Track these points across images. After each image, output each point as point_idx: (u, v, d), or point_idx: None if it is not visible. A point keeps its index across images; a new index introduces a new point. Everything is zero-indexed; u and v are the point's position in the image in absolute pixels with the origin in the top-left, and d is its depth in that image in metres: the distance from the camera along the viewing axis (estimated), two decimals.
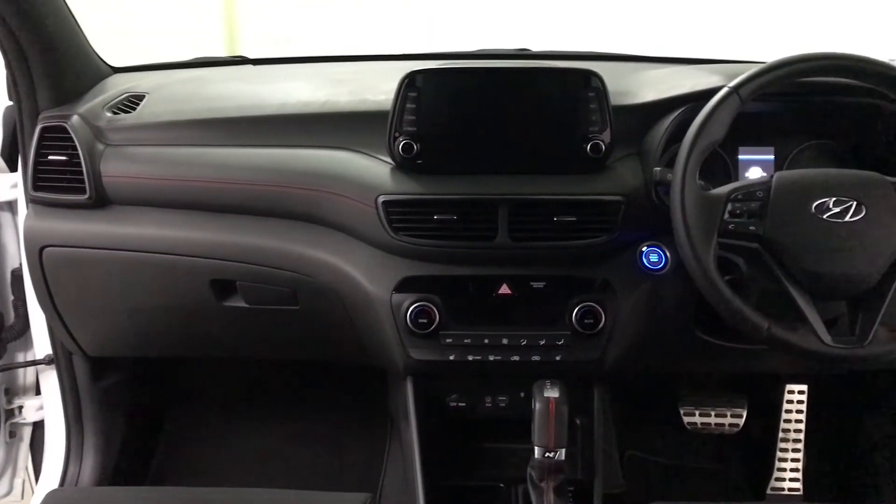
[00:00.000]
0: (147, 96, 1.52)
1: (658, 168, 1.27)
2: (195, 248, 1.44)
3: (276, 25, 4.89)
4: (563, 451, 1.30)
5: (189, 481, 1.85)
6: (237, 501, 1.17)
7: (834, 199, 1.13)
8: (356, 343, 1.47)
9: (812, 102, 1.39)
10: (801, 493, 1.77)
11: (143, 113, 1.48)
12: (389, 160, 1.34)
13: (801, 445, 1.78)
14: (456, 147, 1.33)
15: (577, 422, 1.52)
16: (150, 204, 1.45)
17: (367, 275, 1.36)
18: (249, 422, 1.99)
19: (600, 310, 1.34)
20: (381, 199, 1.30)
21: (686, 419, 1.80)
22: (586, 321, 1.34)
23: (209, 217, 1.44)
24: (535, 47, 1.75)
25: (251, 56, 1.81)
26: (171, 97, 1.55)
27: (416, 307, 1.33)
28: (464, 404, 1.52)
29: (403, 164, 1.32)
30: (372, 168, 1.35)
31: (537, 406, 1.29)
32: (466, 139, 1.33)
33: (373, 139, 1.37)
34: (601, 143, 1.30)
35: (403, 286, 1.34)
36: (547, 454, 1.30)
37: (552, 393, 1.28)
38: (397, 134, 1.30)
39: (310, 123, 1.44)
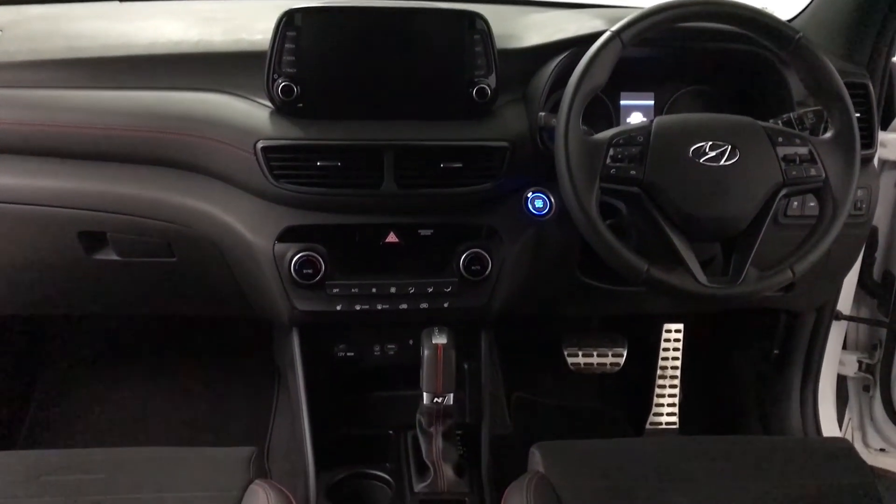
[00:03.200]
0: None
1: (542, 113, 1.27)
2: (60, 198, 1.34)
3: None
4: (452, 396, 1.31)
5: (64, 443, 1.76)
6: (114, 462, 1.11)
7: (710, 143, 1.16)
8: (238, 295, 1.42)
9: (690, 49, 1.42)
10: (677, 426, 1.87)
11: None
12: (268, 104, 1.28)
13: (677, 382, 1.87)
14: (338, 90, 1.28)
15: (465, 367, 1.54)
16: (8, 151, 1.34)
17: (248, 224, 1.31)
18: (127, 379, 1.91)
19: (487, 256, 1.34)
20: (260, 144, 1.24)
21: (570, 360, 1.85)
22: (473, 268, 1.34)
23: (75, 165, 1.34)
24: None
25: None
26: (27, 35, 1.42)
27: (300, 257, 1.30)
28: (352, 354, 1.50)
29: (283, 108, 1.27)
30: (250, 112, 1.29)
31: (425, 353, 1.29)
32: (349, 82, 1.28)
33: (250, 81, 1.30)
34: (487, 87, 1.29)
35: (286, 236, 1.30)
36: (435, 400, 1.31)
37: (440, 339, 1.29)
38: (276, 76, 1.24)
39: (182, 64, 1.35)
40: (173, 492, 1.06)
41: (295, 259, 1.29)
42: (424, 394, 1.31)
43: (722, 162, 1.15)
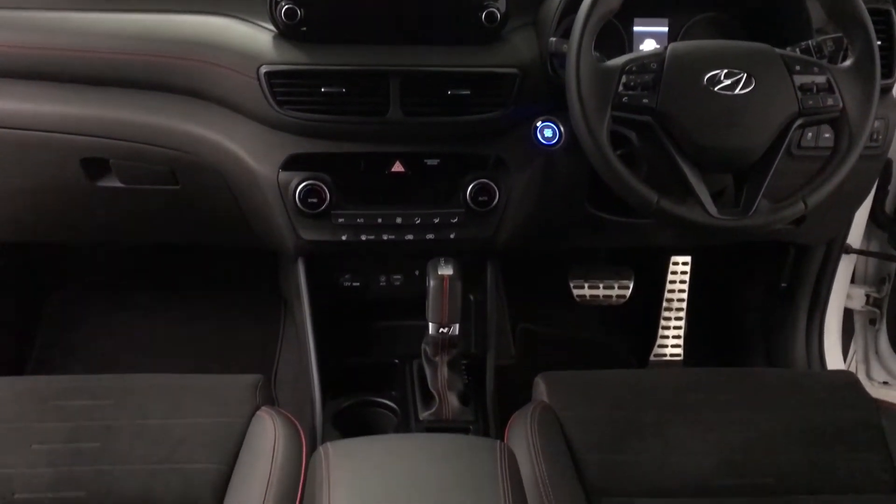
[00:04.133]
0: None
1: (553, 39, 1.23)
2: (62, 123, 1.32)
3: None
4: (457, 326, 1.31)
5: (72, 369, 1.78)
6: (122, 388, 1.12)
7: (725, 71, 1.13)
8: (243, 225, 1.41)
9: None
10: (681, 359, 1.87)
11: None
12: (271, 27, 1.25)
13: (682, 315, 1.86)
14: (343, 13, 1.24)
15: (471, 297, 1.53)
16: (9, 75, 1.31)
17: (252, 152, 1.29)
18: (135, 307, 1.92)
19: (494, 186, 1.32)
20: (264, 69, 1.21)
21: (575, 292, 1.85)
22: (480, 198, 1.32)
23: (76, 90, 1.31)
24: None
25: None
26: None
27: (305, 186, 1.28)
28: (357, 284, 1.50)
29: (286, 32, 1.23)
30: (252, 35, 1.26)
31: (431, 284, 1.28)
32: (354, 5, 1.24)
33: (252, 4, 1.27)
34: (496, 11, 1.24)
35: (291, 164, 1.28)
36: (441, 330, 1.31)
37: (446, 270, 1.28)
38: None
39: None
40: (180, 418, 1.07)
41: (300, 188, 1.28)
42: (430, 324, 1.31)
43: (737, 91, 1.12)
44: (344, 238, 1.32)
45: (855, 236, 1.66)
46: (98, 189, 1.38)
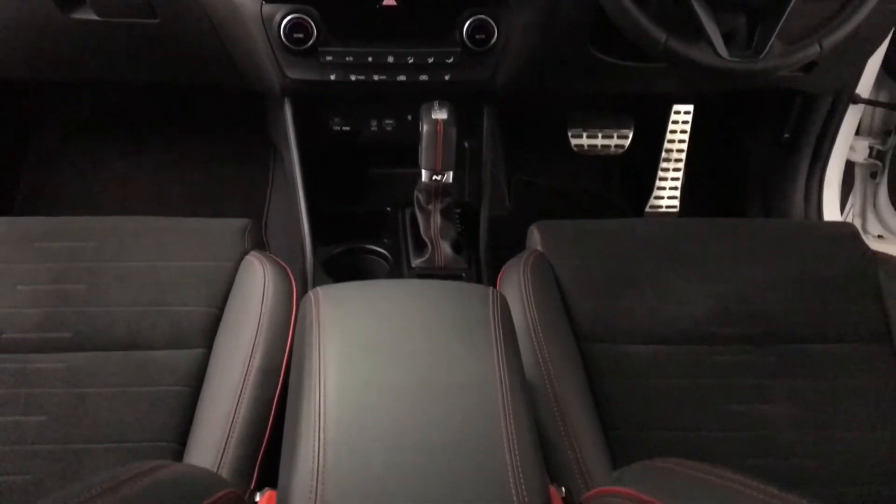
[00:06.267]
0: None
1: None
2: None
3: None
4: (451, 174, 1.27)
5: (59, 210, 1.76)
6: (107, 230, 1.09)
7: None
8: (227, 62, 1.34)
9: None
10: (677, 210, 1.85)
11: None
12: None
13: (681, 165, 1.83)
14: None
15: (466, 145, 1.49)
16: None
17: None
18: (121, 148, 1.87)
19: (493, 24, 1.24)
20: None
21: (574, 142, 1.81)
22: (478, 37, 1.25)
23: None
24: None
25: None
26: None
27: (290, 20, 1.20)
28: (348, 128, 1.44)
29: None
30: None
31: (425, 128, 1.23)
32: None
33: None
34: None
35: None
36: (434, 177, 1.27)
37: (440, 115, 1.23)
38: None
39: None
40: (168, 260, 1.05)
41: (285, 21, 1.20)
42: (423, 171, 1.27)
43: None
44: (332, 77, 1.26)
45: (864, 85, 1.60)
46: (72, 22, 1.29)
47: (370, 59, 1.25)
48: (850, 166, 1.75)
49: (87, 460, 0.88)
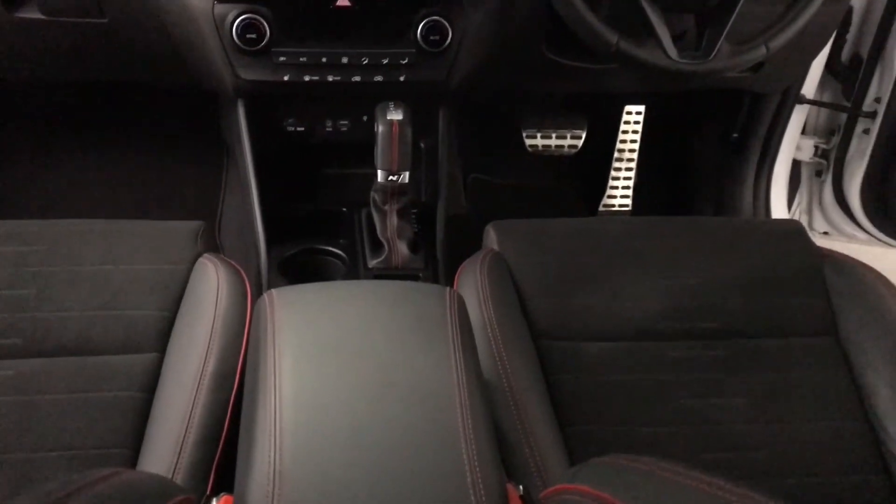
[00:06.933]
0: None
1: None
2: None
3: None
4: (407, 174, 1.27)
5: (8, 213, 1.71)
6: (57, 233, 1.07)
7: None
8: (179, 62, 1.32)
9: None
10: (629, 209, 1.88)
11: None
12: None
13: (633, 165, 1.85)
14: None
15: (422, 145, 1.49)
16: None
17: None
18: (72, 150, 1.83)
19: (447, 25, 1.25)
20: None
21: (528, 142, 1.82)
22: (432, 38, 1.25)
23: None
24: None
25: None
26: None
27: (243, 20, 1.19)
28: (302, 129, 1.44)
29: None
30: None
31: (380, 129, 1.23)
32: None
33: None
34: None
35: None
36: (390, 177, 1.27)
37: (396, 115, 1.23)
38: None
39: None
40: (119, 264, 1.04)
41: (237, 21, 1.19)
42: (379, 171, 1.27)
43: None
44: (286, 78, 1.25)
45: (809, 86, 1.64)
46: (18, 20, 1.26)
47: (324, 59, 1.25)
48: (796, 165, 1.80)
49: (38, 469, 0.86)
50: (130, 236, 1.08)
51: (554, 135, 1.82)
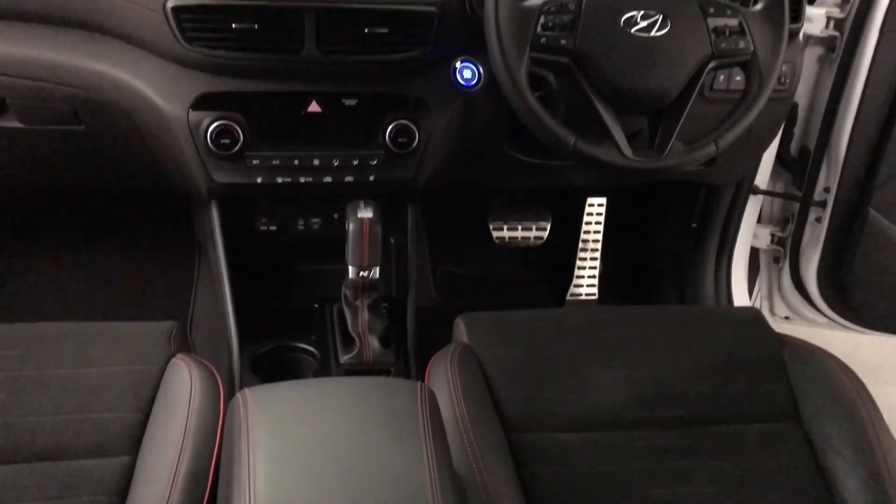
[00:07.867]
0: None
1: None
2: None
3: None
4: (377, 269, 1.30)
5: None
6: (30, 337, 1.08)
7: (641, 12, 1.13)
8: (153, 167, 1.36)
9: None
10: (596, 297, 1.92)
11: None
12: None
13: (598, 255, 1.91)
14: None
15: (391, 240, 1.53)
16: None
17: (160, 91, 1.23)
18: (42, 251, 1.84)
19: (414, 128, 1.30)
20: (170, 3, 1.15)
21: (495, 234, 1.87)
22: (400, 140, 1.30)
23: None
24: None
25: None
26: None
27: (216, 126, 1.23)
28: (274, 227, 1.47)
29: None
30: None
31: (351, 227, 1.27)
32: None
33: None
34: None
35: (201, 103, 1.23)
36: (361, 273, 1.30)
37: (366, 213, 1.27)
38: None
39: None
40: (92, 367, 1.04)
41: (211, 128, 1.23)
42: (350, 267, 1.30)
43: (653, 32, 1.13)
44: (259, 180, 1.29)
45: (762, 178, 1.72)
46: None
47: (296, 161, 1.29)
48: (755, 252, 1.86)
49: None
50: (103, 338, 1.09)
51: (520, 226, 1.88)
